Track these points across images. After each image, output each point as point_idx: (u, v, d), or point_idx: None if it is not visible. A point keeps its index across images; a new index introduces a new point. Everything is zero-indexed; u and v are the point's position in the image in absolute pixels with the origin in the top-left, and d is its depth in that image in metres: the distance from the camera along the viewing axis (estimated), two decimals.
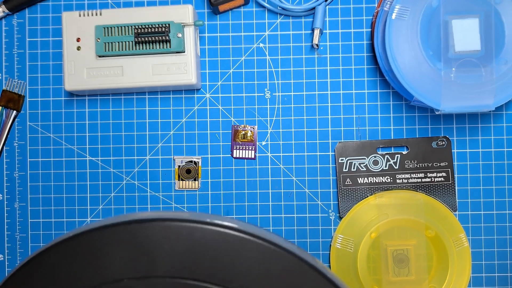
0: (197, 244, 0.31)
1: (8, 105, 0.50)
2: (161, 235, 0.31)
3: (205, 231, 0.31)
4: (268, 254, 0.31)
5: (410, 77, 0.45)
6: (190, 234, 0.31)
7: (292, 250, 0.31)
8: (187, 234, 0.31)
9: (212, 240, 0.31)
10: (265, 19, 0.50)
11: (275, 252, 0.31)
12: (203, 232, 0.31)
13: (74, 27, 0.47)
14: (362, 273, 0.48)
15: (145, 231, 0.31)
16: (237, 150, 0.50)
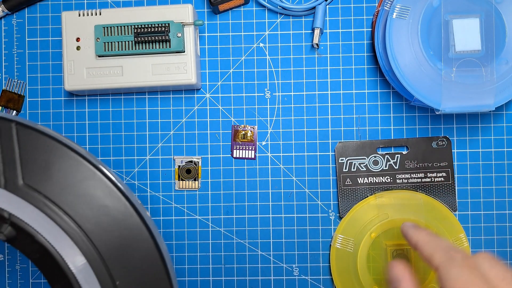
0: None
1: (8, 105, 0.50)
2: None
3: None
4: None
5: (410, 77, 0.45)
6: None
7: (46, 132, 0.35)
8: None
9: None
10: (265, 18, 0.50)
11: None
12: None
13: (74, 27, 0.47)
14: (362, 273, 0.48)
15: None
16: (237, 150, 0.50)
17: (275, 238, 0.49)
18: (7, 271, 0.50)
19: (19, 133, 0.35)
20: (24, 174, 0.35)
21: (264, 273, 0.49)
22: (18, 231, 0.34)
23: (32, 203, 0.34)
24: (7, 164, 0.34)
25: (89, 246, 0.35)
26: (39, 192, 0.35)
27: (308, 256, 0.49)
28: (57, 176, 0.35)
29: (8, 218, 0.34)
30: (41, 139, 0.35)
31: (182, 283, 0.50)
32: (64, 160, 0.35)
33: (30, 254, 0.35)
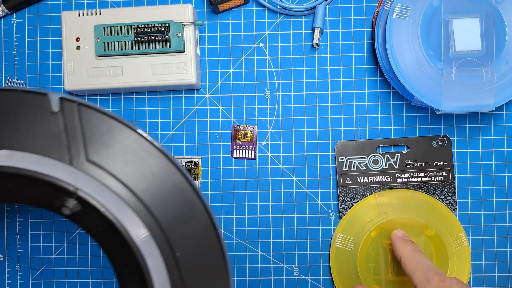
0: None
1: None
2: None
3: None
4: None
5: (410, 76, 0.45)
6: None
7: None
8: None
9: None
10: (265, 18, 0.50)
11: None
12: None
13: (74, 27, 0.47)
14: (361, 272, 0.48)
15: None
16: (237, 150, 0.50)
17: (275, 238, 0.49)
18: (7, 271, 0.51)
19: (81, 112, 0.37)
20: (87, 151, 0.36)
21: (264, 273, 0.49)
22: (83, 206, 0.35)
23: (96, 178, 0.36)
24: (71, 141, 0.36)
25: (150, 219, 0.36)
26: (102, 167, 0.36)
27: (308, 256, 0.49)
28: (118, 153, 0.36)
29: (74, 192, 0.35)
30: (102, 118, 0.37)
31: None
32: (124, 138, 0.37)
33: (93, 228, 0.36)
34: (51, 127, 0.36)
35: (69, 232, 0.50)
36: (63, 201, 0.35)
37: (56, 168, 0.35)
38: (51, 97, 0.37)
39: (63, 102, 0.37)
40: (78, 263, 0.50)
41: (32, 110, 0.36)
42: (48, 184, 0.35)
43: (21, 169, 0.35)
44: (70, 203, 0.35)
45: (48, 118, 0.36)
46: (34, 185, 0.35)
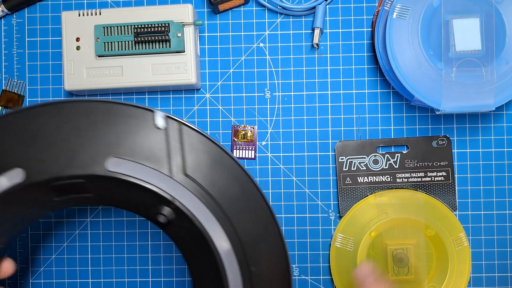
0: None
1: (7, 105, 0.50)
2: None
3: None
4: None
5: (410, 76, 0.45)
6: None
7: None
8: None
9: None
10: (265, 18, 0.50)
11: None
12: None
13: (74, 27, 0.47)
14: None
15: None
16: (237, 150, 0.50)
17: None
18: None
19: (182, 131, 0.40)
20: (185, 166, 0.40)
21: None
22: (177, 215, 0.39)
23: (191, 191, 0.39)
24: (172, 156, 0.40)
25: (233, 233, 0.39)
26: (196, 182, 0.40)
27: (308, 256, 0.49)
28: (211, 171, 0.40)
29: (171, 202, 0.38)
30: (199, 138, 0.41)
31: (183, 282, 0.50)
32: (219, 158, 0.41)
33: (182, 237, 0.40)
34: (156, 141, 0.40)
35: (69, 232, 0.50)
36: (159, 209, 0.39)
37: (158, 178, 0.39)
38: (157, 114, 0.40)
39: (168, 120, 0.40)
40: (78, 263, 0.50)
41: (140, 123, 0.40)
42: (150, 192, 0.39)
43: (128, 176, 0.38)
44: (166, 211, 0.39)
45: (154, 132, 0.40)
46: (137, 192, 0.39)
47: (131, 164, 0.39)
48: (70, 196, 0.40)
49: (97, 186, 0.40)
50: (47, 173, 0.38)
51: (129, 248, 0.50)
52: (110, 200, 0.41)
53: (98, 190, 0.40)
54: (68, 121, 0.40)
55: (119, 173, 0.38)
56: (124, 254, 0.50)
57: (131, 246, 0.50)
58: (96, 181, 0.39)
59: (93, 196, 0.40)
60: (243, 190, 0.41)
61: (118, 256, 0.50)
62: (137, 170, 0.39)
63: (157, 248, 0.50)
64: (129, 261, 0.50)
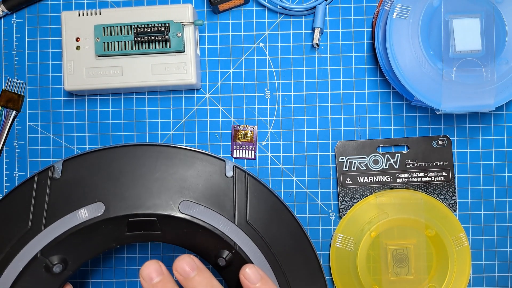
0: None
1: (7, 105, 0.50)
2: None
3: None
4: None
5: (410, 76, 0.45)
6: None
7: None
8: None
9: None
10: (265, 18, 0.50)
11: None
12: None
13: (74, 27, 0.47)
14: (362, 272, 0.48)
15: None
16: (237, 150, 0.50)
17: None
18: None
19: (247, 181, 0.44)
20: (248, 214, 0.43)
21: None
22: (236, 260, 0.42)
23: (251, 239, 0.42)
24: (237, 204, 0.43)
25: (284, 282, 0.43)
26: (257, 231, 0.43)
27: None
28: (270, 221, 0.44)
29: (233, 247, 0.42)
30: (262, 189, 0.44)
31: None
32: (278, 209, 0.44)
33: (235, 281, 0.42)
34: (224, 188, 0.43)
35: None
36: (221, 253, 0.42)
37: (224, 224, 0.42)
38: (227, 163, 0.44)
39: (235, 170, 0.44)
40: None
41: (211, 171, 0.44)
42: (215, 237, 0.42)
43: (199, 219, 0.42)
44: (226, 256, 0.42)
45: (223, 180, 0.44)
46: (203, 235, 0.42)
47: (201, 208, 0.42)
48: (141, 232, 0.43)
49: (167, 226, 0.42)
50: (125, 210, 0.42)
51: (129, 247, 0.50)
52: (177, 239, 0.43)
53: (167, 229, 0.43)
54: (148, 163, 0.43)
55: (190, 216, 0.42)
56: (124, 254, 0.50)
57: (131, 245, 0.50)
58: (167, 221, 0.42)
59: (161, 234, 0.43)
60: (297, 242, 0.44)
61: (118, 256, 0.50)
62: (205, 214, 0.42)
63: (157, 248, 0.50)
64: (129, 261, 0.50)
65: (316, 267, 0.44)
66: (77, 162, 0.44)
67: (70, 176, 0.43)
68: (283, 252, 0.43)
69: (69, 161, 0.44)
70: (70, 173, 0.43)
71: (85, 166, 0.43)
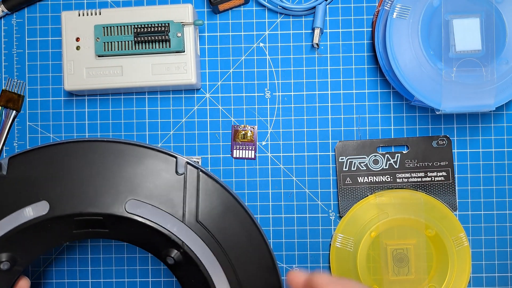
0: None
1: (7, 105, 0.50)
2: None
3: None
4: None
5: (410, 76, 0.45)
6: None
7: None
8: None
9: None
10: (265, 18, 0.50)
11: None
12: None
13: (74, 27, 0.47)
14: (362, 272, 0.48)
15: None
16: (237, 150, 0.50)
17: (275, 238, 0.49)
18: None
19: (200, 178, 0.43)
20: (198, 213, 0.42)
21: None
22: (185, 259, 0.41)
23: (201, 238, 0.42)
24: (187, 202, 0.42)
25: (235, 280, 0.42)
26: (207, 229, 0.42)
27: (308, 256, 0.49)
28: (222, 220, 0.43)
29: (181, 246, 0.41)
30: (215, 186, 0.43)
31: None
32: (232, 208, 0.43)
33: (187, 279, 0.42)
34: (175, 186, 0.42)
35: None
36: (169, 252, 0.41)
37: (172, 223, 0.41)
38: (179, 160, 0.43)
39: (187, 166, 0.42)
40: (78, 263, 0.50)
41: (161, 168, 0.42)
42: (163, 236, 0.41)
43: (144, 218, 0.41)
44: (175, 254, 0.41)
45: (174, 178, 0.42)
46: (150, 234, 0.41)
47: (148, 207, 0.41)
48: (89, 230, 0.43)
49: (114, 224, 0.42)
50: (70, 209, 0.41)
51: (129, 247, 0.50)
52: (125, 237, 0.43)
53: (114, 228, 0.42)
54: (97, 161, 0.42)
55: (136, 215, 0.41)
56: (124, 254, 0.50)
57: (132, 245, 0.50)
58: (114, 220, 0.42)
59: (109, 232, 0.43)
60: (250, 239, 0.43)
61: (118, 256, 0.50)
62: (153, 213, 0.41)
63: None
64: (129, 261, 0.50)
65: (270, 264, 0.43)
66: (24, 159, 0.43)
67: (16, 173, 0.42)
68: (235, 250, 0.42)
69: (16, 158, 0.43)
70: (16, 170, 0.42)
71: (31, 163, 0.42)
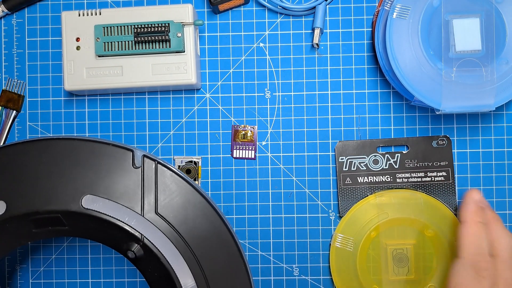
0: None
1: (8, 105, 0.50)
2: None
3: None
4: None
5: (410, 76, 0.45)
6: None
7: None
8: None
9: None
10: (265, 18, 0.50)
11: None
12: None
13: (74, 27, 0.47)
14: (361, 272, 0.48)
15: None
16: (237, 150, 0.50)
17: (275, 238, 0.49)
18: (7, 271, 0.51)
19: (158, 170, 0.43)
20: (157, 205, 0.42)
21: (264, 273, 0.49)
22: (146, 252, 0.41)
23: (161, 230, 0.42)
24: (146, 195, 0.42)
25: (198, 271, 0.42)
26: (167, 221, 0.42)
27: (308, 256, 0.49)
28: (182, 210, 0.42)
29: (141, 239, 0.41)
30: (174, 177, 0.43)
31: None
32: (190, 198, 0.43)
33: (150, 272, 0.42)
34: (131, 179, 0.42)
35: None
36: (129, 246, 0.41)
37: (130, 216, 0.41)
38: (135, 153, 0.43)
39: (144, 159, 0.42)
40: (78, 263, 0.50)
41: (118, 162, 0.42)
42: (121, 230, 0.41)
43: (100, 213, 0.41)
44: (135, 248, 0.41)
45: (131, 171, 0.42)
46: (109, 228, 0.42)
47: (105, 202, 0.42)
48: (48, 228, 0.43)
49: (73, 221, 0.42)
50: (26, 208, 0.42)
51: None
52: (85, 233, 0.43)
53: (73, 224, 0.43)
54: (52, 159, 0.43)
55: (93, 210, 0.41)
56: None
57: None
58: (71, 216, 0.42)
59: (69, 229, 0.43)
60: (213, 228, 0.43)
61: (118, 256, 0.50)
62: (110, 207, 0.41)
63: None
64: (129, 261, 0.50)
65: (235, 253, 0.43)
66: None
67: None
68: (198, 241, 0.42)
69: None
70: None
71: None
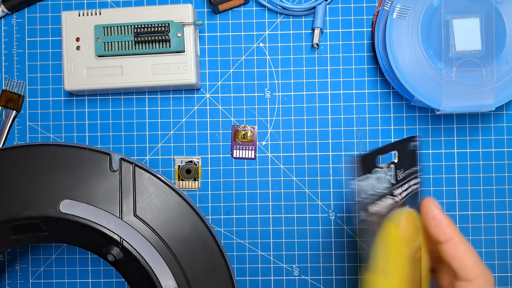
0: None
1: (7, 105, 0.50)
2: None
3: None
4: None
5: (410, 76, 0.45)
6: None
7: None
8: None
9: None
10: (265, 18, 0.50)
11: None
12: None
13: (74, 27, 0.47)
14: None
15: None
16: (237, 150, 0.49)
17: (275, 238, 0.49)
18: (7, 271, 0.51)
19: (135, 173, 0.43)
20: (136, 208, 0.42)
21: (264, 273, 0.49)
22: (125, 255, 0.42)
23: (140, 232, 0.42)
24: (124, 198, 0.42)
25: (179, 272, 0.42)
26: (146, 223, 0.42)
27: (308, 256, 0.49)
28: (161, 212, 0.43)
29: (120, 242, 0.42)
30: (152, 180, 0.43)
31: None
32: (168, 199, 0.43)
33: (131, 275, 0.43)
34: (109, 183, 0.42)
35: None
36: (109, 249, 0.42)
37: (109, 220, 0.42)
38: (113, 156, 0.43)
39: (122, 162, 0.43)
40: (78, 263, 0.50)
41: (95, 166, 0.43)
42: (100, 233, 0.42)
43: (79, 217, 0.42)
44: (114, 251, 0.42)
45: (108, 175, 0.43)
46: (88, 232, 0.42)
47: (83, 206, 0.42)
48: (27, 235, 0.43)
49: (52, 226, 0.43)
50: (4, 215, 0.42)
51: None
52: (65, 238, 0.44)
53: (52, 230, 0.43)
54: (29, 165, 0.43)
55: (71, 215, 0.42)
56: None
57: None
58: (50, 222, 0.42)
59: (48, 234, 0.43)
60: (193, 229, 0.43)
61: None
62: (88, 211, 0.42)
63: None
64: None
65: (217, 253, 0.43)
66: None
67: None
68: (179, 243, 0.43)
69: None
70: None
71: None
